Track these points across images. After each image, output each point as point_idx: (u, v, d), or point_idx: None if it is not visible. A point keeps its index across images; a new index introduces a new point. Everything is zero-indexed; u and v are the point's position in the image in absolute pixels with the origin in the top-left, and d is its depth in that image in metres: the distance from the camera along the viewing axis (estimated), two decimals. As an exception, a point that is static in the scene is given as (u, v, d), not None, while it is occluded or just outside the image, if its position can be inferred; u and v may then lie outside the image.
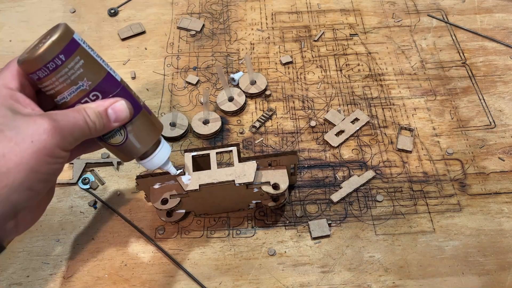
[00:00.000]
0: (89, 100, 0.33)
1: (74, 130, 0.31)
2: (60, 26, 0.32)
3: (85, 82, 0.33)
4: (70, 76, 0.32)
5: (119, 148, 0.36)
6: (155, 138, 0.38)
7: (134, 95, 0.36)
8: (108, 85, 0.34)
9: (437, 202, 0.50)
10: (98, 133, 0.34)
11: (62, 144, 0.30)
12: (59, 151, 0.30)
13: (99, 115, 0.33)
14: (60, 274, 0.47)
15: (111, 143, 0.36)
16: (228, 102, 0.58)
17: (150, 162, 0.38)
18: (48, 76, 0.31)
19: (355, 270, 0.46)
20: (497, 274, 0.45)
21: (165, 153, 0.39)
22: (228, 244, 0.48)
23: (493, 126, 0.56)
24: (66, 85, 0.32)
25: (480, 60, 0.62)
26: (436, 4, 0.68)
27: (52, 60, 0.31)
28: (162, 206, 0.45)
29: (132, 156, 0.37)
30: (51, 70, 0.31)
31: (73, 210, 0.51)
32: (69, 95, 0.33)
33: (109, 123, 0.34)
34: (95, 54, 0.34)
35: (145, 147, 0.37)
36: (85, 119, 0.32)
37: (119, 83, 0.35)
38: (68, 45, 0.31)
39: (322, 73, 0.61)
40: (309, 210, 0.50)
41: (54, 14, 0.69)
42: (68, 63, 0.31)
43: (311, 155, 0.54)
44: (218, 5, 0.70)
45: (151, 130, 0.37)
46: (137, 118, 0.36)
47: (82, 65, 0.32)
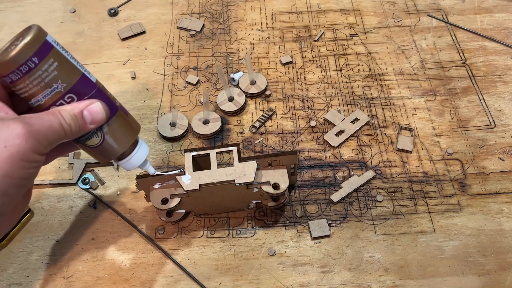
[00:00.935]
0: (64, 102, 0.33)
1: (49, 134, 0.31)
2: (32, 28, 0.31)
3: (59, 85, 0.32)
4: (44, 78, 0.31)
5: (96, 149, 0.36)
6: (133, 138, 0.37)
7: (110, 96, 0.36)
8: (83, 86, 0.33)
9: (437, 202, 0.50)
10: (74, 135, 0.33)
11: (36, 148, 0.30)
12: (34, 155, 0.30)
13: (74, 117, 0.32)
14: (60, 274, 0.47)
15: (88, 144, 0.35)
16: (228, 102, 0.58)
17: (128, 163, 0.38)
18: (21, 79, 0.31)
19: (355, 270, 0.46)
20: (497, 274, 0.45)
21: (143, 153, 0.39)
22: (228, 244, 0.48)
23: (493, 126, 0.56)
24: (40, 87, 0.32)
25: (480, 60, 0.62)
26: (436, 4, 0.68)
27: (25, 63, 0.30)
28: (162, 206, 0.45)
29: (109, 157, 0.37)
30: (24, 73, 0.31)
31: (73, 210, 0.51)
32: (43, 98, 0.32)
33: (85, 125, 0.33)
34: (69, 56, 0.33)
35: (122, 148, 0.37)
36: (60, 122, 0.31)
37: (94, 84, 0.34)
38: (41, 48, 0.31)
39: (322, 73, 0.61)
40: (309, 210, 0.50)
41: (54, 14, 0.69)
42: (42, 66, 0.31)
43: (311, 155, 0.54)
44: (218, 5, 0.70)
45: (128, 131, 0.37)
46: (113, 120, 0.35)
47: (56, 67, 0.32)
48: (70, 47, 0.65)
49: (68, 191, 0.52)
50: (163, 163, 0.54)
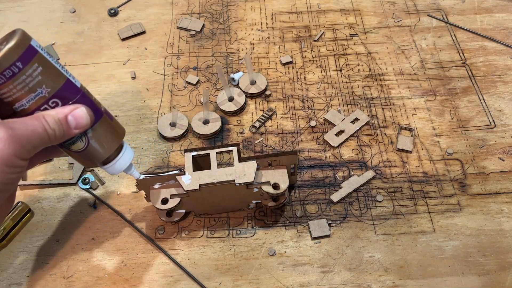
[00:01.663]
0: (49, 107, 0.33)
1: (33, 138, 0.30)
2: (16, 33, 0.31)
3: (44, 89, 0.32)
4: (28, 83, 0.31)
5: (80, 154, 0.36)
6: (117, 143, 0.37)
7: (95, 101, 0.36)
8: (68, 91, 0.33)
9: (437, 202, 0.50)
10: (58, 140, 0.33)
11: (19, 153, 0.29)
12: (17, 160, 0.29)
13: (58, 122, 0.32)
14: (60, 274, 0.47)
15: (73, 149, 0.35)
16: (228, 102, 0.58)
17: (113, 167, 0.38)
18: (4, 84, 0.31)
19: (355, 270, 0.46)
20: (497, 274, 0.45)
21: (127, 158, 0.39)
22: (228, 244, 0.48)
23: (493, 126, 0.56)
24: (24, 92, 0.31)
25: (480, 60, 0.62)
26: (436, 4, 0.68)
27: (8, 68, 0.30)
28: (162, 206, 0.45)
29: (94, 162, 0.37)
30: (8, 77, 0.30)
31: (73, 210, 0.51)
32: (27, 103, 0.32)
33: (69, 130, 0.33)
34: (54, 61, 0.33)
35: (107, 153, 0.37)
36: (44, 127, 0.31)
37: (79, 89, 0.34)
38: (25, 52, 0.31)
39: (322, 73, 0.61)
40: (309, 210, 0.50)
41: (54, 14, 0.69)
42: (26, 71, 0.31)
43: (311, 155, 0.54)
44: (218, 5, 0.70)
45: (113, 135, 0.37)
46: (98, 124, 0.35)
47: (41, 72, 0.31)
48: (70, 47, 0.65)
49: (68, 191, 0.52)
50: (163, 163, 0.54)
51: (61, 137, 0.33)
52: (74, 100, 0.34)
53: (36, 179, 0.53)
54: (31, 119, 0.31)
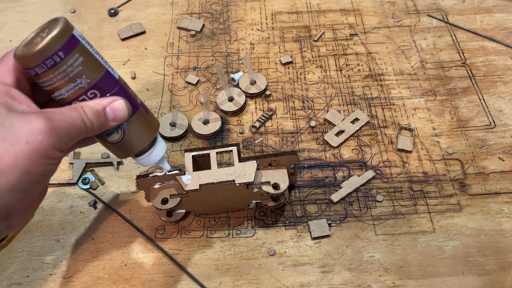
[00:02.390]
0: (87, 98, 0.32)
1: (71, 130, 0.30)
2: (59, 21, 0.31)
3: (83, 80, 0.32)
4: (69, 73, 0.31)
5: (116, 145, 0.36)
6: (152, 136, 0.37)
7: (132, 94, 0.35)
8: (106, 83, 0.33)
9: (437, 202, 0.50)
10: (95, 132, 0.33)
11: (57, 145, 0.29)
12: (55, 152, 0.29)
13: (97, 114, 0.32)
14: (60, 274, 0.47)
15: (108, 140, 0.35)
16: (228, 102, 0.58)
17: (146, 159, 0.38)
18: (45, 73, 0.30)
19: (355, 270, 0.46)
20: (497, 274, 0.45)
21: (160, 151, 0.39)
22: (228, 244, 0.48)
23: (493, 126, 0.56)
24: (64, 82, 0.31)
25: (480, 60, 0.62)
26: (436, 4, 0.68)
27: (50, 57, 0.30)
28: (162, 206, 0.45)
29: (128, 153, 0.37)
30: (50, 67, 0.30)
31: (73, 210, 0.51)
32: (66, 92, 0.32)
33: (107, 122, 0.33)
34: (94, 51, 0.33)
35: (142, 145, 0.37)
36: (82, 118, 0.31)
37: (117, 81, 0.34)
38: (67, 42, 0.30)
39: (322, 73, 0.61)
40: (309, 210, 0.50)
41: (54, 14, 0.69)
42: (67, 61, 0.31)
43: (311, 155, 0.54)
44: (218, 5, 0.70)
45: (148, 128, 0.37)
46: (134, 117, 0.35)
47: (81, 62, 0.31)
48: (70, 47, 0.65)
49: (68, 191, 0.52)
50: (163, 163, 0.54)
51: (99, 128, 0.33)
52: (113, 92, 0.33)
53: (36, 179, 0.53)
54: (70, 110, 0.31)
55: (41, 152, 0.28)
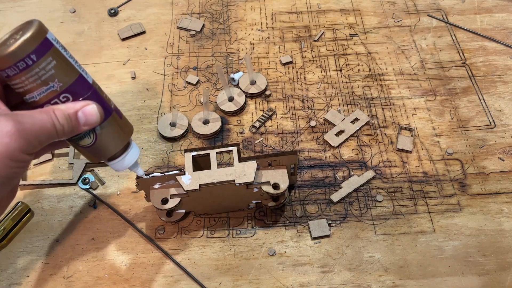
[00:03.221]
0: (59, 101, 0.32)
1: (40, 133, 0.30)
2: (33, 24, 0.31)
3: (56, 83, 0.31)
4: (41, 76, 0.31)
5: (87, 149, 0.36)
6: (125, 141, 0.37)
7: (105, 98, 0.35)
8: (79, 87, 0.33)
9: (437, 202, 0.50)
10: (66, 135, 0.33)
11: (25, 148, 0.29)
12: (22, 155, 0.29)
13: (68, 117, 0.32)
14: (60, 274, 0.47)
15: (80, 144, 0.35)
16: (228, 102, 0.58)
17: (118, 164, 0.38)
18: (17, 75, 0.30)
19: (355, 270, 0.46)
20: (497, 274, 0.45)
21: (133, 156, 0.39)
22: (228, 244, 0.48)
23: (493, 126, 0.56)
24: (36, 85, 0.31)
25: (480, 60, 0.62)
26: (436, 4, 0.68)
27: (23, 59, 0.30)
28: (162, 206, 0.45)
29: (100, 157, 0.37)
30: (21, 69, 0.30)
31: (73, 210, 0.51)
32: (38, 95, 0.32)
33: (78, 127, 0.33)
34: (68, 55, 0.33)
35: (114, 150, 0.37)
36: (53, 122, 0.31)
37: (91, 86, 0.34)
38: (40, 45, 0.30)
39: (322, 73, 0.61)
40: (309, 210, 0.50)
41: (54, 14, 0.69)
42: (40, 64, 0.30)
43: (311, 155, 0.54)
44: (218, 5, 0.70)
45: (121, 133, 0.37)
46: (107, 122, 0.35)
47: (54, 66, 0.31)
48: (70, 47, 0.65)
49: (68, 191, 0.52)
50: (163, 163, 0.54)
51: (70, 132, 0.32)
52: (85, 96, 0.33)
53: (36, 179, 0.53)
54: (41, 113, 0.31)
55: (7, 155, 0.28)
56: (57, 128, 0.31)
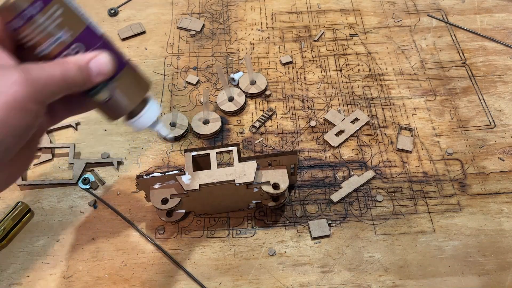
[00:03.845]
0: (71, 53, 0.32)
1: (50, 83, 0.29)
2: None
3: (65, 33, 0.31)
4: (48, 25, 0.30)
5: (105, 105, 0.35)
6: (143, 94, 0.36)
7: (117, 50, 0.34)
8: (89, 38, 0.32)
9: (437, 202, 0.50)
10: (79, 87, 0.32)
11: (34, 96, 0.28)
12: (32, 104, 0.28)
13: (80, 68, 0.31)
14: (60, 274, 0.47)
15: (97, 100, 0.34)
16: (228, 102, 0.58)
17: (138, 122, 0.36)
18: (25, 25, 0.30)
19: (355, 270, 0.46)
20: (497, 274, 0.45)
21: (153, 112, 0.37)
22: (228, 244, 0.48)
23: (493, 126, 0.56)
24: (44, 35, 0.30)
25: (480, 60, 0.62)
26: (436, 4, 0.68)
27: (27, 8, 0.29)
28: (162, 206, 0.45)
29: (119, 113, 0.35)
30: (28, 18, 0.29)
31: (73, 210, 0.51)
32: (48, 47, 0.31)
33: (91, 77, 0.32)
34: (75, 5, 0.32)
35: (132, 105, 0.35)
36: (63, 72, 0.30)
37: (101, 36, 0.34)
38: None
39: (322, 73, 0.61)
40: (309, 210, 0.50)
41: (54, 14, 0.69)
42: (46, 11, 0.30)
43: (311, 155, 0.54)
44: (218, 5, 0.70)
45: (138, 86, 0.36)
46: (122, 74, 0.34)
47: (61, 14, 0.31)
48: (70, 47, 0.65)
49: (68, 191, 0.52)
50: (163, 163, 0.54)
51: (82, 84, 0.31)
52: (96, 47, 0.33)
53: (36, 179, 0.53)
54: (51, 64, 0.30)
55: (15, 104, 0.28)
56: (68, 78, 0.30)
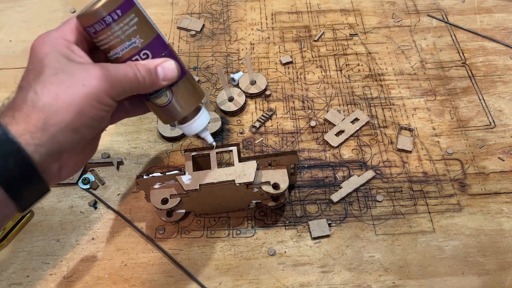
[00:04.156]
0: (140, 58, 0.35)
1: (123, 81, 0.33)
2: None
3: (137, 40, 0.34)
4: (125, 31, 0.34)
5: (163, 109, 0.38)
6: (197, 102, 0.39)
7: (179, 59, 0.37)
8: (157, 45, 0.35)
9: (437, 202, 0.50)
10: (146, 89, 0.35)
11: (110, 91, 0.32)
12: (107, 98, 0.32)
13: (149, 71, 0.34)
14: (60, 274, 0.47)
15: (157, 103, 0.37)
16: (228, 102, 0.58)
17: (189, 127, 0.40)
18: (103, 30, 0.33)
19: (355, 270, 0.46)
20: (497, 274, 0.45)
21: (204, 120, 0.40)
22: (228, 244, 0.48)
23: (493, 126, 0.56)
24: (119, 40, 0.34)
25: (480, 60, 0.62)
26: (436, 4, 0.68)
27: (109, 14, 0.33)
28: (162, 206, 0.45)
29: (174, 118, 0.38)
30: (107, 24, 0.33)
31: (73, 210, 0.51)
32: (121, 51, 0.34)
33: (158, 81, 0.35)
34: (147, 15, 0.35)
35: (187, 111, 0.38)
36: (135, 73, 0.33)
37: (167, 45, 0.37)
38: (125, 2, 0.33)
39: (322, 73, 0.61)
40: (309, 210, 0.50)
41: (54, 14, 0.69)
42: (124, 19, 0.33)
43: (311, 155, 0.54)
44: (218, 5, 0.70)
45: (194, 94, 0.39)
46: (182, 81, 0.37)
47: (136, 22, 0.34)
48: (70, 47, 0.65)
49: (68, 191, 0.52)
50: (163, 163, 0.54)
51: (150, 86, 0.35)
52: (163, 54, 0.36)
53: (36, 179, 0.53)
54: (124, 65, 0.34)
55: (94, 96, 0.31)
56: (139, 79, 0.34)
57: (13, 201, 0.30)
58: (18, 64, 0.63)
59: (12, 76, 0.62)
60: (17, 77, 0.62)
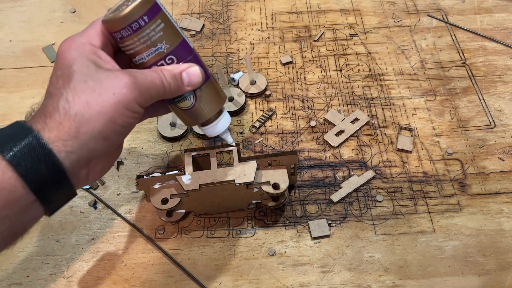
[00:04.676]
0: (165, 63, 0.35)
1: (151, 88, 0.33)
2: None
3: (163, 45, 0.34)
4: (151, 37, 0.34)
5: (186, 112, 0.38)
6: (220, 105, 0.40)
7: (204, 64, 0.38)
8: (183, 50, 0.36)
9: (437, 202, 0.50)
10: (172, 94, 0.35)
11: (139, 99, 0.32)
12: (136, 105, 0.32)
13: (174, 77, 0.35)
14: (60, 274, 0.47)
15: (180, 106, 0.38)
16: (228, 102, 0.58)
17: (212, 129, 0.40)
18: (130, 36, 0.33)
19: (355, 270, 0.46)
20: (497, 274, 0.45)
21: (225, 122, 0.41)
22: (228, 244, 0.48)
23: (493, 126, 0.56)
24: (146, 46, 0.34)
25: (480, 60, 0.62)
26: (436, 4, 0.69)
27: (136, 20, 0.33)
28: (162, 206, 0.45)
29: (197, 121, 0.39)
30: (134, 30, 0.33)
31: (73, 210, 0.51)
32: (147, 56, 0.35)
33: (183, 86, 0.36)
34: (173, 21, 0.35)
35: (210, 114, 0.39)
36: (161, 79, 0.34)
37: (192, 50, 0.37)
38: (151, 8, 0.33)
39: (322, 73, 0.61)
40: (309, 210, 0.50)
41: (54, 14, 0.69)
42: (150, 25, 0.33)
43: (311, 155, 0.54)
44: (218, 5, 0.70)
45: (217, 98, 0.39)
46: (205, 85, 0.37)
47: (162, 28, 0.34)
48: (70, 47, 0.65)
49: (68, 191, 0.52)
50: (163, 163, 0.54)
51: (175, 91, 0.35)
52: (188, 60, 0.36)
53: (36, 179, 0.53)
54: (151, 71, 0.34)
55: (125, 104, 0.31)
56: (165, 85, 0.34)
57: (42, 204, 0.30)
58: (18, 64, 0.63)
59: (12, 76, 0.62)
60: (17, 77, 0.62)
